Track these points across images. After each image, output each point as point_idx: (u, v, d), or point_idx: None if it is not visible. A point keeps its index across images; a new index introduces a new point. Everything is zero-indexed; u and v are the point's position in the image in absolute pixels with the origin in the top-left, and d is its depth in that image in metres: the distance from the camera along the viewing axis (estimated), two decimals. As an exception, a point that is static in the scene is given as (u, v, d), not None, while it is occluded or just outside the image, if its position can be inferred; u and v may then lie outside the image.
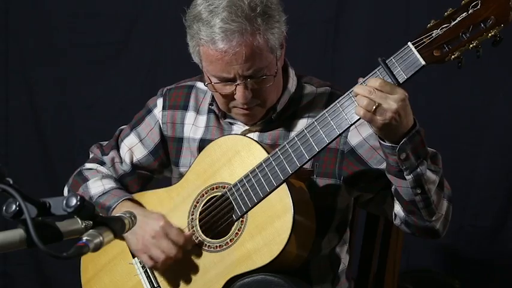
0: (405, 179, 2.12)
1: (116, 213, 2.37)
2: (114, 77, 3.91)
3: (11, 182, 1.54)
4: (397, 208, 2.25)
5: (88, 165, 2.59)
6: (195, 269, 2.32)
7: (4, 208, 1.55)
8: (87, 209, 1.58)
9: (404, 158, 2.08)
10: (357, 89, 2.06)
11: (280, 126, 2.37)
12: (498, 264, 3.53)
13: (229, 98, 2.30)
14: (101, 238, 1.58)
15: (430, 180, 2.13)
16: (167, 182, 2.53)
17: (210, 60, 2.24)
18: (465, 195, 3.51)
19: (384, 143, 2.10)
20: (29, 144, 4.01)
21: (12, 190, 1.53)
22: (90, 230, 1.59)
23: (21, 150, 4.03)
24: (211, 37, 2.19)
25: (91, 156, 2.63)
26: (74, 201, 1.54)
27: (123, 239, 2.40)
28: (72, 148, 3.86)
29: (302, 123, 2.33)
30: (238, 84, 2.24)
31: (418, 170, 2.10)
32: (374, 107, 2.02)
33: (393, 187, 2.20)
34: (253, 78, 2.23)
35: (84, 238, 1.56)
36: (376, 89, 2.03)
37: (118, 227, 1.66)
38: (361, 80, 2.11)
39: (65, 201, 1.55)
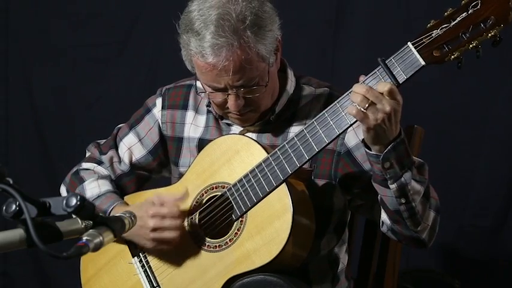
0: (389, 188, 2.13)
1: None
2: (114, 77, 3.91)
3: (11, 182, 1.54)
4: (384, 216, 2.26)
5: (85, 164, 2.59)
6: (195, 268, 2.32)
7: (4, 208, 1.55)
8: (87, 209, 1.58)
9: (388, 167, 2.10)
10: (355, 87, 2.07)
11: (278, 127, 2.37)
12: (498, 264, 3.53)
13: (223, 105, 2.30)
14: (101, 238, 1.58)
15: (414, 190, 2.14)
16: (167, 182, 2.53)
17: (201, 71, 2.25)
18: (465, 195, 3.51)
19: (368, 151, 2.12)
20: (29, 144, 4.01)
21: (12, 190, 1.53)
22: (90, 230, 1.59)
23: (21, 150, 4.03)
24: (199, 50, 2.19)
25: (88, 154, 2.62)
26: (74, 201, 1.55)
27: (128, 244, 2.40)
28: (72, 148, 3.85)
29: (300, 125, 2.32)
30: (229, 94, 2.25)
31: (402, 179, 2.11)
32: (367, 105, 2.02)
33: (379, 196, 2.20)
34: (245, 87, 2.23)
35: (84, 238, 1.56)
36: (380, 92, 2.03)
37: (118, 227, 1.66)
38: (362, 78, 2.11)
39: (65, 201, 1.55)
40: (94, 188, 2.49)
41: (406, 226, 2.19)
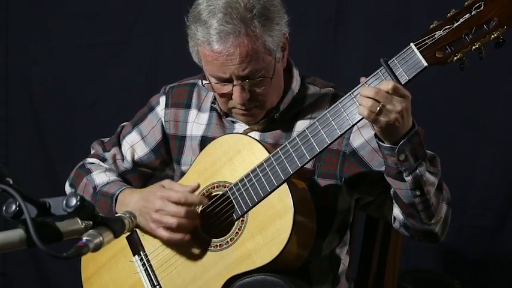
0: (404, 181, 2.12)
1: (120, 200, 2.39)
2: (114, 77, 3.91)
3: (11, 182, 1.54)
4: (396, 211, 2.25)
5: (90, 159, 2.60)
6: (195, 267, 2.32)
7: (4, 208, 1.55)
8: (87, 209, 1.58)
9: (403, 159, 2.09)
10: (362, 90, 2.06)
11: (282, 126, 2.37)
12: (498, 264, 3.53)
13: (228, 98, 2.30)
14: (101, 238, 1.58)
15: (429, 182, 2.14)
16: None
17: (207, 61, 2.25)
18: (465, 195, 3.51)
19: (383, 144, 2.11)
20: (29, 144, 4.01)
21: (12, 190, 1.53)
22: (90, 230, 1.59)
23: (21, 150, 4.03)
24: (206, 38, 2.20)
25: (92, 152, 2.64)
26: (73, 201, 1.54)
27: (129, 242, 2.40)
28: (72, 148, 3.86)
29: (304, 124, 2.32)
30: (235, 85, 2.24)
31: (417, 171, 2.11)
32: (378, 108, 2.02)
33: (392, 190, 2.20)
34: (250, 79, 2.24)
35: (84, 238, 1.56)
36: (386, 91, 2.03)
37: (118, 227, 1.66)
38: (363, 79, 2.11)
39: (64, 201, 1.55)
40: (102, 177, 2.50)
41: (420, 220, 2.19)
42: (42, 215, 1.57)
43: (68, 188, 2.60)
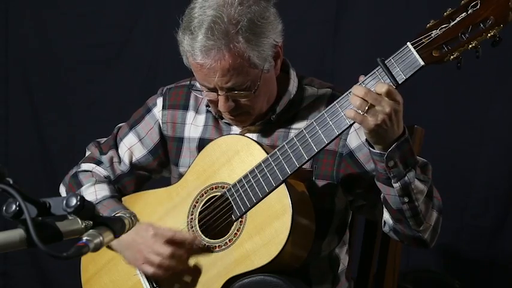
0: (393, 187, 2.13)
1: None
2: (114, 77, 3.91)
3: (11, 182, 1.54)
4: (386, 215, 2.25)
5: (84, 165, 2.58)
6: (194, 269, 2.32)
7: (4, 208, 1.55)
8: (87, 209, 1.58)
9: (392, 166, 2.09)
10: (354, 89, 2.06)
11: (279, 127, 2.37)
12: (498, 264, 3.53)
13: (216, 104, 2.31)
14: (101, 238, 1.57)
15: (418, 190, 2.14)
16: (166, 182, 2.53)
17: (193, 69, 2.26)
18: (465, 195, 3.51)
19: (372, 149, 2.11)
20: (29, 144, 4.01)
21: (12, 190, 1.52)
22: (90, 230, 1.59)
23: (21, 150, 4.03)
24: (189, 49, 2.21)
25: (88, 154, 2.62)
26: (74, 201, 1.54)
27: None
28: (72, 148, 3.86)
29: (302, 125, 2.31)
30: (219, 95, 2.25)
31: (406, 178, 2.11)
32: (366, 108, 2.02)
33: (382, 195, 2.20)
34: (234, 91, 2.24)
35: (84, 238, 1.56)
36: (378, 94, 2.03)
37: (118, 227, 1.65)
38: (361, 78, 2.11)
39: (65, 201, 1.55)
40: (91, 193, 2.48)
41: (408, 225, 2.19)
42: (42, 215, 1.56)
43: (63, 192, 2.59)
